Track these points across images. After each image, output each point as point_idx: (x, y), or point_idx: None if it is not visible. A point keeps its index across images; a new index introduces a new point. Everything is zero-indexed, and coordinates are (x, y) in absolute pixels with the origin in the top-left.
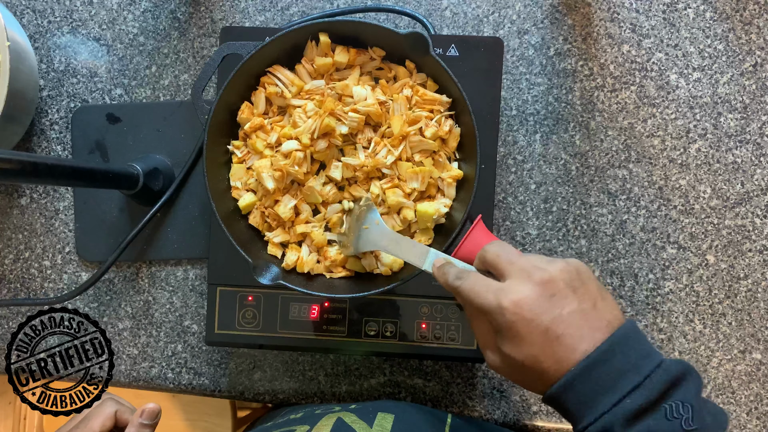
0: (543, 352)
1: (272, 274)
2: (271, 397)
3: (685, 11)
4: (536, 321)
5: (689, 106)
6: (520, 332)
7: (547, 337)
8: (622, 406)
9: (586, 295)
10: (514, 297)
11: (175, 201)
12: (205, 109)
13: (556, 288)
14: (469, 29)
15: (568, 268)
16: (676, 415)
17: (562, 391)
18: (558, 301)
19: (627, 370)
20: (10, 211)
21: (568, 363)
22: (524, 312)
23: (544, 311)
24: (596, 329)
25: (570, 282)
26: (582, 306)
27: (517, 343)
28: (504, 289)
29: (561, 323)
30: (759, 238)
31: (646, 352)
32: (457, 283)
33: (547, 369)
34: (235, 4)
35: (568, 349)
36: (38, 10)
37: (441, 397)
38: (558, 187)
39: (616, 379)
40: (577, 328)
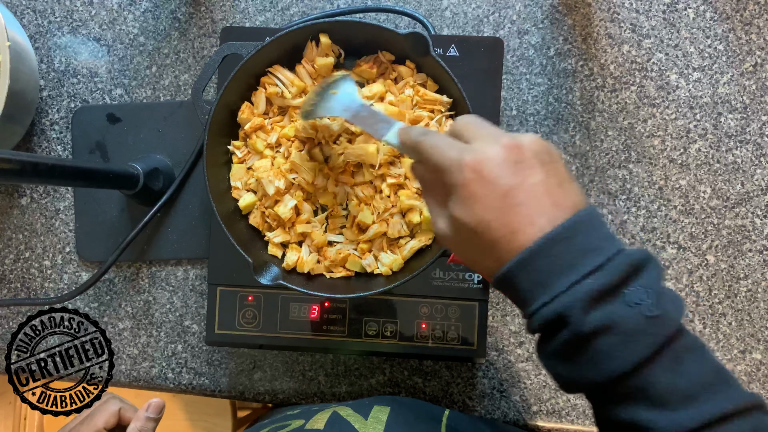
0: (497, 218)
1: (272, 274)
2: (271, 397)
3: (685, 11)
4: (496, 183)
5: (689, 107)
6: (477, 193)
7: (504, 202)
8: (582, 286)
9: (553, 171)
10: (477, 156)
11: (175, 201)
12: (206, 109)
13: (522, 155)
14: (469, 29)
15: (540, 141)
16: (637, 301)
17: (516, 268)
18: (523, 169)
19: (588, 250)
20: (10, 211)
21: (523, 236)
22: (484, 171)
23: (506, 175)
24: (559, 207)
25: (539, 154)
26: (548, 180)
27: (470, 205)
28: (468, 148)
29: (522, 191)
30: (759, 238)
31: (609, 237)
32: (421, 137)
33: (499, 239)
34: (235, 5)
35: (525, 220)
36: (38, 10)
37: (441, 397)
38: None
39: (577, 258)
40: (539, 201)
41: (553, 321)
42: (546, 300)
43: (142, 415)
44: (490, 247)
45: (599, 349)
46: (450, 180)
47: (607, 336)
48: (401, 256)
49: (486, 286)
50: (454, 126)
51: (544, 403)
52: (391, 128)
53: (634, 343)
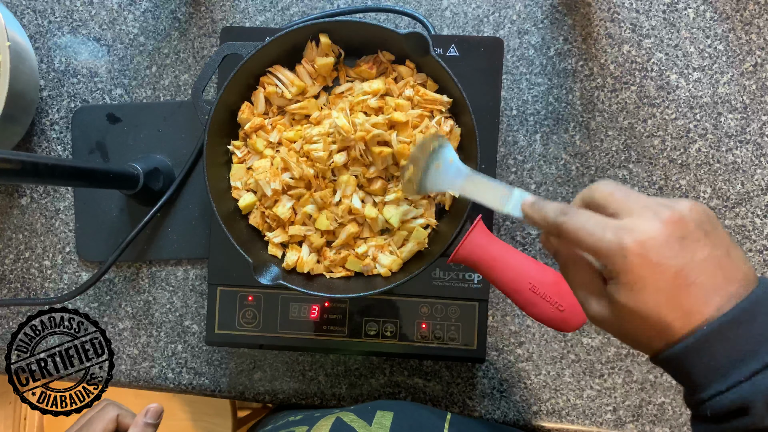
0: (669, 301)
1: (272, 274)
2: (271, 397)
3: (685, 11)
4: (664, 265)
5: (689, 106)
6: (644, 277)
7: (675, 284)
8: (765, 377)
9: (718, 240)
10: (638, 236)
11: (175, 201)
12: (205, 109)
13: (686, 229)
14: (469, 29)
15: (698, 208)
16: None
17: (688, 351)
18: (689, 245)
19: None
20: (10, 211)
21: (698, 317)
22: (650, 254)
23: (674, 255)
24: (731, 280)
25: (701, 224)
26: (715, 252)
27: (637, 291)
28: (625, 227)
29: (693, 270)
30: (759, 238)
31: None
32: (562, 218)
33: (671, 322)
34: (235, 4)
35: (699, 300)
36: (39, 11)
37: (441, 397)
38: (558, 187)
39: (758, 345)
40: (711, 277)
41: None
42: (722, 388)
43: (140, 421)
44: (660, 330)
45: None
46: (610, 264)
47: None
48: (400, 258)
49: (486, 286)
50: (593, 196)
51: (544, 403)
52: (511, 198)
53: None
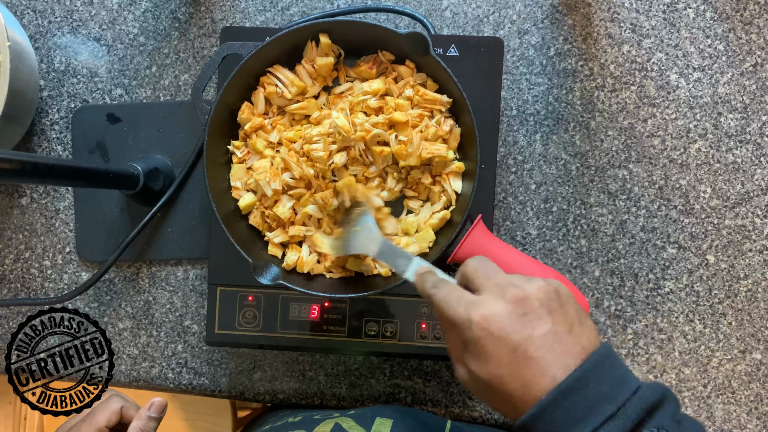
0: (510, 372)
1: (272, 274)
2: (271, 397)
3: (685, 11)
4: (505, 339)
5: (689, 106)
6: (487, 349)
7: (515, 356)
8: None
9: (562, 317)
10: (484, 311)
11: (175, 201)
12: (205, 109)
13: (529, 307)
14: (469, 29)
15: (547, 288)
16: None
17: (531, 421)
18: (530, 321)
19: (600, 399)
20: (10, 211)
21: (536, 388)
22: (493, 328)
23: (515, 330)
24: (569, 354)
25: (546, 302)
26: (556, 328)
27: (483, 360)
28: (475, 303)
29: (531, 344)
30: (759, 238)
31: (621, 379)
32: (432, 291)
33: (513, 392)
34: (235, 4)
35: (536, 372)
36: (38, 10)
37: (441, 397)
38: (558, 187)
39: (589, 409)
40: (548, 351)
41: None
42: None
43: (143, 414)
44: (507, 398)
45: None
46: (462, 336)
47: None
48: None
49: None
50: (464, 271)
51: None
52: (410, 266)
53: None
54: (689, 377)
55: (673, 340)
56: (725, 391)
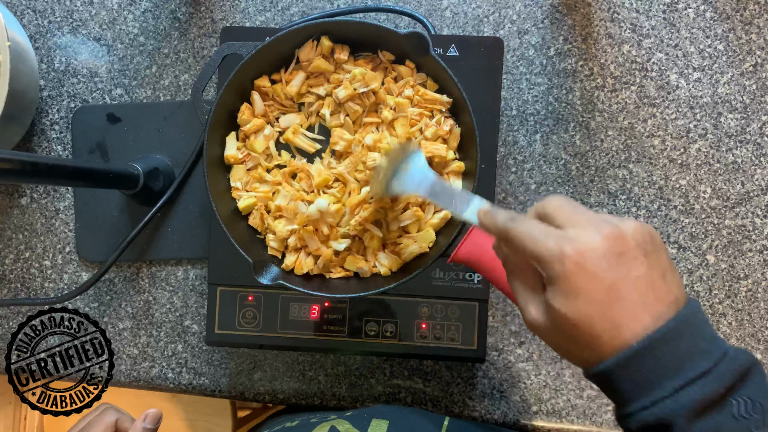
0: (600, 312)
1: (272, 274)
2: (271, 397)
3: (685, 11)
4: (600, 276)
5: (689, 106)
6: (579, 286)
7: (608, 296)
8: (687, 393)
9: (657, 262)
10: (579, 246)
11: (175, 201)
12: (205, 109)
13: (626, 246)
14: (469, 29)
15: (643, 229)
16: (745, 415)
17: (616, 367)
18: (626, 261)
19: (694, 354)
20: (10, 211)
21: (627, 332)
22: (588, 264)
23: (610, 268)
24: (662, 302)
25: (642, 244)
26: (651, 273)
27: (572, 298)
28: (568, 237)
29: (626, 285)
30: (759, 238)
31: (713, 337)
32: (511, 225)
33: (601, 334)
34: (235, 4)
35: (629, 315)
36: (39, 10)
37: (441, 397)
38: (558, 187)
39: (682, 362)
40: (643, 294)
41: (654, 426)
42: (647, 403)
43: (139, 426)
44: (591, 340)
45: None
46: (549, 271)
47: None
48: (401, 260)
49: (486, 286)
50: (545, 208)
51: (544, 403)
52: (470, 206)
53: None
54: None
55: None
56: None
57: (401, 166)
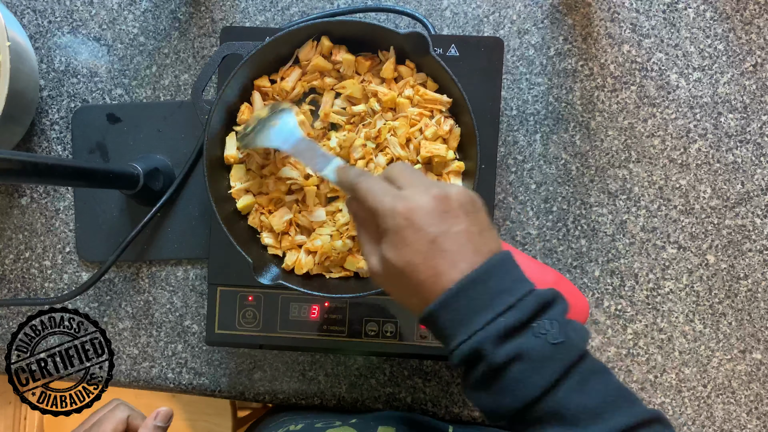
0: (424, 261)
1: (272, 274)
2: (271, 397)
3: (685, 11)
4: (424, 230)
5: (689, 106)
6: (407, 238)
7: (431, 248)
8: (495, 324)
9: (476, 221)
10: (409, 204)
11: (175, 201)
12: (205, 109)
13: (450, 206)
14: (469, 29)
15: (465, 193)
16: (543, 332)
17: (438, 309)
18: (449, 218)
19: (502, 291)
20: (10, 211)
21: (446, 278)
22: (415, 219)
23: (434, 223)
24: (477, 253)
25: (464, 204)
26: (470, 228)
27: (400, 248)
28: (401, 196)
29: (447, 238)
30: (759, 238)
31: (519, 278)
32: (357, 180)
33: (424, 280)
34: (235, 4)
35: (448, 264)
36: (38, 10)
37: (441, 397)
38: (558, 187)
39: (491, 299)
40: (461, 246)
41: (471, 356)
42: (464, 338)
43: (150, 424)
44: (417, 287)
45: (513, 377)
46: (383, 224)
47: (519, 364)
48: None
49: None
50: (389, 171)
51: None
52: (329, 164)
53: (542, 368)
54: (689, 377)
55: (673, 340)
56: (725, 391)
57: (269, 121)
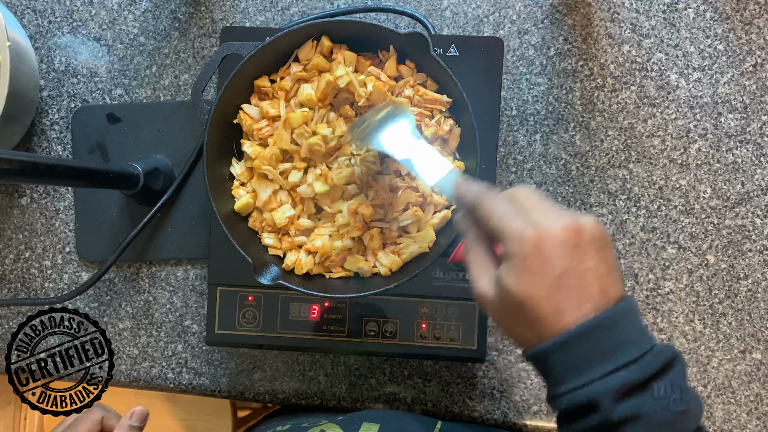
0: (548, 296)
1: (272, 274)
2: (271, 397)
3: (685, 11)
4: (553, 263)
5: (689, 106)
6: (533, 267)
7: (558, 282)
8: (616, 377)
9: (606, 259)
10: (540, 231)
11: (175, 201)
12: (205, 109)
13: (581, 239)
14: (469, 29)
15: (598, 227)
16: (664, 395)
17: (554, 349)
18: (580, 254)
19: (626, 343)
20: (10, 211)
21: (568, 318)
22: (545, 249)
23: (564, 256)
24: (605, 295)
25: (596, 240)
26: (600, 267)
27: (525, 278)
28: (531, 221)
29: (575, 275)
30: (759, 238)
31: (643, 331)
32: (482, 198)
33: (545, 316)
34: (235, 4)
35: (573, 303)
36: (39, 10)
37: (441, 397)
38: (558, 187)
39: (615, 350)
40: (589, 286)
41: (582, 406)
42: (578, 385)
43: (125, 424)
44: (533, 321)
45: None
46: (508, 248)
47: (635, 426)
48: (401, 260)
49: None
50: (515, 192)
51: (544, 403)
52: (446, 176)
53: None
54: (689, 377)
55: (673, 340)
56: (725, 391)
57: (388, 123)
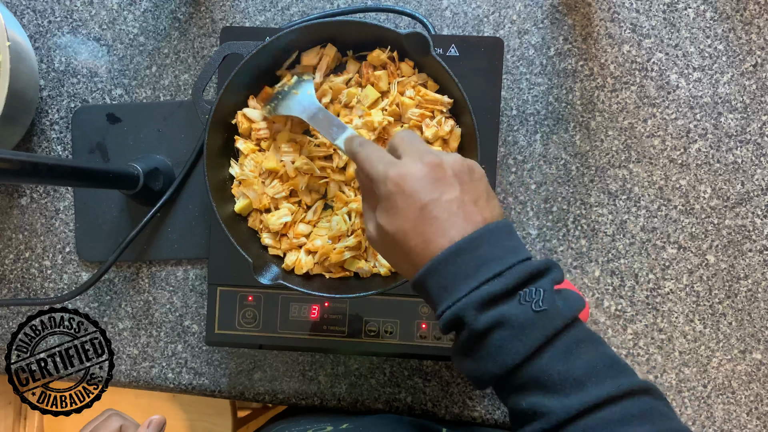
0: (413, 228)
1: (272, 274)
2: (271, 397)
3: (685, 11)
4: (414, 197)
5: (689, 106)
6: (397, 204)
7: (421, 215)
8: (479, 291)
9: (471, 190)
10: (400, 170)
11: (175, 201)
12: (206, 109)
13: (442, 174)
14: (469, 29)
15: (463, 162)
16: (527, 299)
17: (426, 275)
18: (440, 186)
19: (491, 260)
20: (10, 211)
21: (434, 245)
22: (405, 186)
23: (425, 191)
24: (470, 221)
25: (458, 173)
26: (463, 197)
27: (392, 215)
28: (394, 163)
29: (437, 206)
30: (759, 238)
31: (513, 248)
32: (357, 149)
33: (414, 247)
34: (235, 4)
35: (437, 231)
36: (38, 10)
37: (441, 397)
38: (558, 187)
39: (478, 267)
40: (452, 215)
41: (454, 323)
42: (449, 304)
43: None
44: (407, 253)
45: (494, 344)
46: (377, 191)
47: (499, 331)
48: None
49: None
50: (392, 140)
51: None
52: (343, 134)
53: (523, 335)
54: (689, 377)
55: (673, 340)
56: (725, 391)
57: (292, 90)
